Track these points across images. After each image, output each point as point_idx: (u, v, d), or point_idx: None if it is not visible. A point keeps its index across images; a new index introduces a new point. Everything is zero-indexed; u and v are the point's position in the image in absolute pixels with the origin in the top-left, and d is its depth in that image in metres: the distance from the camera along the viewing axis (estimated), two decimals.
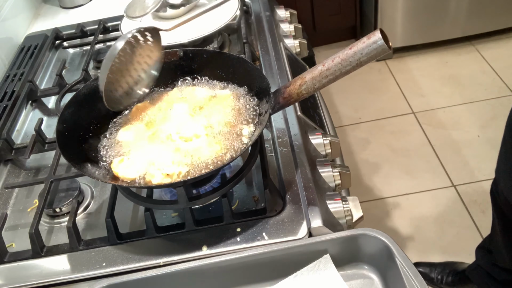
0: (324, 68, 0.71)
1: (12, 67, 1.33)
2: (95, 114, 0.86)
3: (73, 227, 0.81)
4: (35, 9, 1.62)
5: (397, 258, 0.65)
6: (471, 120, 2.26)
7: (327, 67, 0.70)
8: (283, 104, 0.78)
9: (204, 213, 0.86)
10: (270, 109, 0.78)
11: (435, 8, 2.56)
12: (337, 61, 0.68)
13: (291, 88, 0.76)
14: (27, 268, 0.80)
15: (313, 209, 0.79)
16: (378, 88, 2.62)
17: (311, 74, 0.73)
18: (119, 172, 0.76)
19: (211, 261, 0.69)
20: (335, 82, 0.73)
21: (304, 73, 0.75)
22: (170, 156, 0.77)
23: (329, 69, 0.70)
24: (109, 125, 0.87)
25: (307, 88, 0.74)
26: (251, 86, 0.86)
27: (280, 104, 0.78)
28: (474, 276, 1.57)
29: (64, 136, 0.80)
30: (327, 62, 0.70)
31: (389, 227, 1.93)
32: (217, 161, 0.76)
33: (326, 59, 0.71)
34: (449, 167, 2.12)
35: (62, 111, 0.82)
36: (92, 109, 0.85)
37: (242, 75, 0.88)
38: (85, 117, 0.84)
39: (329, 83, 0.72)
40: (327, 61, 0.70)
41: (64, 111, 0.82)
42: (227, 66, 0.90)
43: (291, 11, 1.44)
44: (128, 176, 0.76)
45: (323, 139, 0.97)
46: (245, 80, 0.87)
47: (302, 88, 0.75)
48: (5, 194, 0.98)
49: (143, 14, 1.24)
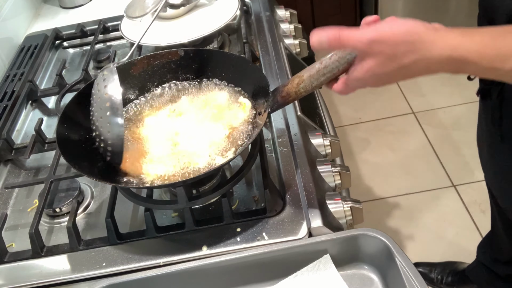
0: (322, 65, 0.70)
1: (12, 67, 1.33)
2: None
3: (73, 227, 0.81)
4: (35, 9, 1.62)
5: (397, 258, 0.65)
6: (471, 120, 2.25)
7: (324, 65, 0.70)
8: (281, 103, 0.78)
9: (204, 213, 0.86)
10: (269, 108, 0.78)
11: (435, 8, 2.56)
12: (334, 59, 0.68)
13: (289, 86, 0.76)
14: (27, 268, 0.80)
15: (313, 209, 0.79)
16: (378, 88, 2.61)
17: (308, 72, 0.73)
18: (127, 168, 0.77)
19: (211, 261, 0.69)
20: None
21: (302, 71, 0.75)
22: (170, 156, 0.77)
23: (327, 66, 0.70)
24: None
25: (305, 86, 0.74)
26: (248, 85, 0.86)
27: (278, 103, 0.78)
28: (473, 274, 1.57)
29: (65, 136, 0.80)
30: (324, 60, 0.70)
31: (389, 227, 1.93)
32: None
33: (323, 57, 0.71)
34: (449, 167, 2.12)
35: (63, 110, 0.82)
36: None
37: (239, 74, 0.88)
38: (86, 117, 0.84)
39: (327, 81, 0.71)
40: (325, 59, 0.70)
41: (65, 110, 0.82)
42: (226, 66, 0.90)
43: (291, 11, 1.44)
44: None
45: (323, 139, 0.97)
46: (242, 79, 0.87)
47: (300, 87, 0.74)
48: (5, 194, 0.98)
49: (143, 14, 1.24)
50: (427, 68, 0.60)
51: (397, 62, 0.60)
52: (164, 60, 0.92)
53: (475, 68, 0.59)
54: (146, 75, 0.92)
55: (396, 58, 0.60)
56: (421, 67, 0.60)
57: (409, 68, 0.60)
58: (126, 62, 0.87)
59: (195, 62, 0.92)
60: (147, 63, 0.92)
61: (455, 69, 0.60)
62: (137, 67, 0.91)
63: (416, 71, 0.61)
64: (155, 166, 0.78)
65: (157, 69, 0.92)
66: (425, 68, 0.60)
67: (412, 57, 0.59)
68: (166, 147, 0.81)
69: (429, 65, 0.60)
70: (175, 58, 0.92)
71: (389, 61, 0.61)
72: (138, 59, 0.92)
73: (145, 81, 0.92)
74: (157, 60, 0.92)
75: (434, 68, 0.60)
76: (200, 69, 0.92)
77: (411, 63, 0.60)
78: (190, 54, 0.92)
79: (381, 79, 0.64)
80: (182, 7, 1.26)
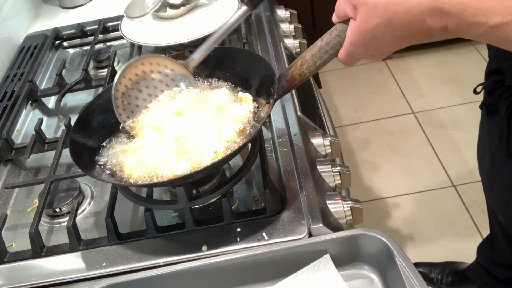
0: (323, 43, 0.69)
1: (12, 67, 1.33)
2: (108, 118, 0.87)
3: (73, 227, 0.81)
4: (35, 9, 1.62)
5: (397, 258, 0.65)
6: (471, 120, 2.26)
7: (325, 42, 0.69)
8: (286, 88, 0.77)
9: (204, 213, 0.86)
10: (276, 95, 0.78)
11: None
12: (335, 33, 0.67)
13: (292, 69, 0.75)
14: (27, 268, 0.80)
15: (313, 209, 0.79)
16: (378, 88, 2.62)
17: (311, 51, 0.72)
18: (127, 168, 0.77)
19: (211, 261, 0.69)
20: (335, 82, 0.72)
21: (304, 52, 0.74)
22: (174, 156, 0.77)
23: (328, 43, 0.69)
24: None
25: (309, 67, 0.73)
26: (255, 77, 0.86)
27: (284, 88, 0.77)
28: (473, 275, 1.57)
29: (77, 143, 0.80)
30: (325, 37, 0.69)
31: (389, 227, 1.93)
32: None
33: (324, 34, 0.70)
34: (449, 167, 2.12)
35: (80, 115, 0.84)
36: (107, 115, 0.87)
37: (245, 67, 0.88)
38: (100, 124, 0.86)
39: (330, 59, 0.70)
40: (325, 35, 0.69)
41: (81, 116, 0.84)
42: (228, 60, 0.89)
43: (291, 11, 1.44)
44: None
45: (323, 139, 0.97)
46: (248, 72, 0.87)
47: (303, 68, 0.73)
48: (5, 194, 0.98)
49: (143, 14, 1.24)
50: (410, 22, 0.57)
51: (380, 15, 0.59)
52: None
53: (458, 22, 0.55)
54: None
55: (378, 11, 0.58)
56: (404, 20, 0.58)
57: (393, 22, 0.58)
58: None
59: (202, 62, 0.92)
60: None
61: (439, 23, 0.56)
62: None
63: (400, 26, 0.58)
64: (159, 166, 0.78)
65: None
66: (408, 22, 0.57)
67: (393, 8, 0.57)
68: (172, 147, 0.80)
69: (413, 18, 0.57)
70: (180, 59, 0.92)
71: (373, 14, 0.59)
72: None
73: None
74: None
75: (417, 20, 0.57)
76: (206, 67, 0.92)
77: (393, 16, 0.58)
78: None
79: (372, 40, 0.62)
80: (182, 7, 1.26)
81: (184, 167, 0.75)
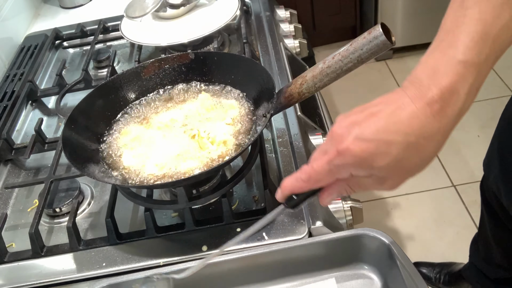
0: (325, 65, 0.70)
1: (12, 67, 1.33)
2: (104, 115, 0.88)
3: (73, 227, 0.81)
4: (35, 9, 1.62)
5: (397, 258, 0.65)
6: (471, 120, 2.25)
7: (327, 65, 0.69)
8: (284, 104, 0.77)
9: (204, 213, 0.86)
10: (272, 110, 0.78)
11: (435, 8, 2.56)
12: (338, 58, 0.67)
13: (292, 87, 0.75)
14: (27, 268, 0.80)
15: (313, 209, 0.79)
16: (378, 88, 2.62)
17: (312, 72, 0.72)
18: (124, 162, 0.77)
19: (211, 261, 0.69)
20: (335, 82, 0.72)
21: (305, 72, 0.74)
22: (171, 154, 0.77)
23: (330, 66, 0.69)
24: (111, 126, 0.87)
25: (308, 87, 0.73)
26: (253, 87, 0.86)
27: (282, 105, 0.77)
28: (468, 274, 1.58)
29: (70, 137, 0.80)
30: (327, 60, 0.70)
31: (389, 227, 1.93)
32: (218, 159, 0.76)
33: (326, 57, 0.71)
34: (449, 167, 2.12)
35: (72, 111, 0.83)
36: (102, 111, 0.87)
37: (243, 76, 0.88)
38: (94, 119, 0.86)
39: (330, 82, 0.70)
40: (328, 59, 0.70)
41: (74, 112, 0.83)
42: (229, 68, 0.90)
43: (291, 11, 1.44)
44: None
45: (323, 139, 0.97)
46: (247, 81, 0.87)
47: (303, 87, 0.74)
48: (5, 194, 0.98)
49: (143, 14, 1.25)
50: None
51: None
52: (174, 64, 0.93)
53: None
54: (157, 78, 0.93)
55: None
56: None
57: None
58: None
59: (203, 64, 0.92)
60: (158, 67, 0.93)
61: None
62: (148, 70, 0.92)
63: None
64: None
65: (167, 72, 0.93)
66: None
67: None
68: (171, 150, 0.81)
69: None
70: (185, 61, 0.93)
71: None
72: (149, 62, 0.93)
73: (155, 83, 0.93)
74: (168, 64, 0.93)
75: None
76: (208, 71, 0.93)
77: None
78: (200, 57, 0.92)
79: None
80: (182, 7, 1.26)
81: (185, 167, 0.76)
